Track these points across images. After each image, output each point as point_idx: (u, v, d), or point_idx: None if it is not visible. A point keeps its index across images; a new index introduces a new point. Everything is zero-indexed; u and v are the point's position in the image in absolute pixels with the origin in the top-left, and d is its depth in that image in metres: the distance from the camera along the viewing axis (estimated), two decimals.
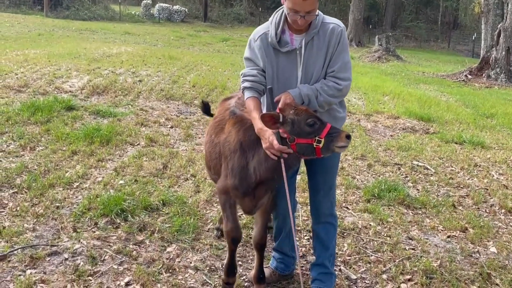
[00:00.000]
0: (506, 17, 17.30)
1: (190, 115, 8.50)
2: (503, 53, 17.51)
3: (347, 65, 3.15)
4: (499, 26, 17.64)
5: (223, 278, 3.57)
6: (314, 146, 2.93)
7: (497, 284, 3.89)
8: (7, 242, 3.88)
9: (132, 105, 8.67)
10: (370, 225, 4.78)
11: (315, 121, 2.96)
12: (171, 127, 7.63)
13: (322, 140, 2.91)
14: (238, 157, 3.19)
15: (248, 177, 3.16)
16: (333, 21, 3.15)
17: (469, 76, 18.36)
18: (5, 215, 4.32)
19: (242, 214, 4.30)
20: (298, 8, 2.92)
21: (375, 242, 4.45)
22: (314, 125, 2.95)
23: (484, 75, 18.18)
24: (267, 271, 3.72)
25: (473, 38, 33.14)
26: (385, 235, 4.61)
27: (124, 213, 4.45)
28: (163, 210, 4.67)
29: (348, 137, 2.95)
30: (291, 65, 3.16)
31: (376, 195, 5.43)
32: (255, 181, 3.16)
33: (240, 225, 3.60)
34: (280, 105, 3.02)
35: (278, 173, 3.11)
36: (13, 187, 4.86)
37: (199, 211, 4.74)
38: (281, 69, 3.18)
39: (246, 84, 3.21)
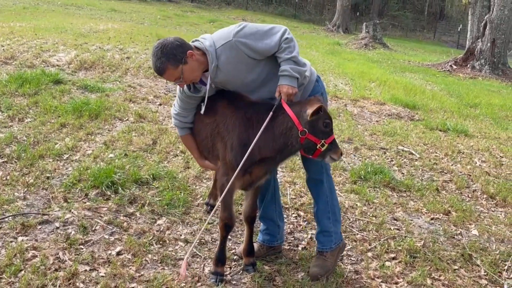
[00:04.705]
0: (493, 9, 17.44)
1: None
2: (488, 44, 17.69)
3: (265, 33, 3.11)
4: (485, 17, 17.79)
5: (211, 268, 3.50)
6: (317, 147, 3.09)
7: (477, 265, 4.01)
8: None
9: (120, 81, 8.62)
10: (356, 205, 4.88)
11: (329, 125, 3.12)
12: (160, 104, 7.63)
13: (326, 146, 3.10)
14: (238, 135, 3.19)
15: (251, 154, 3.12)
16: (223, 42, 3.09)
17: (454, 67, 18.53)
18: None
19: None
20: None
21: (361, 222, 4.55)
22: (327, 127, 3.11)
23: (468, 65, 18.36)
24: (255, 246, 3.76)
25: (459, 29, 33.29)
26: (370, 215, 4.71)
27: (115, 186, 4.48)
28: (153, 184, 4.71)
29: (341, 154, 3.22)
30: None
31: (362, 177, 5.53)
32: (257, 159, 3.18)
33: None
34: (283, 98, 3.13)
35: (281, 154, 3.23)
36: (2, 157, 4.85)
37: (189, 186, 4.78)
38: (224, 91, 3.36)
39: None
